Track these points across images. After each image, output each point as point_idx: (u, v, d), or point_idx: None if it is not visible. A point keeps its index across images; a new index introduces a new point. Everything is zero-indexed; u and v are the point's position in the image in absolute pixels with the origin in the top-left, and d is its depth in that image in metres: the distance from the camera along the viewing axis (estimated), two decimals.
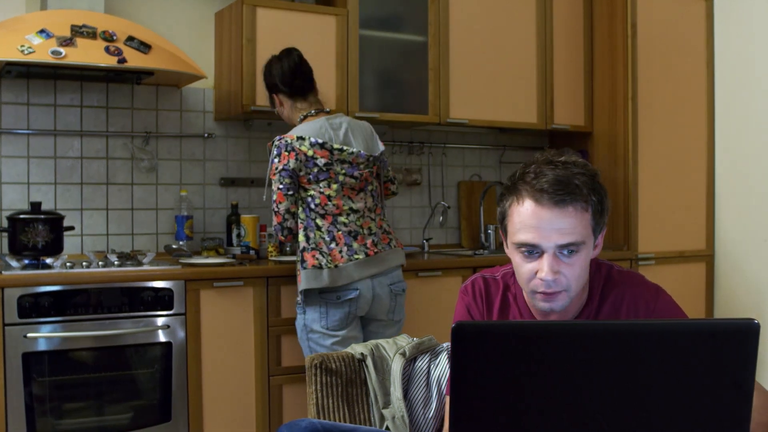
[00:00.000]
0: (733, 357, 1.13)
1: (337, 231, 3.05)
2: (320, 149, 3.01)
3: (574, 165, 1.58)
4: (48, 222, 3.24)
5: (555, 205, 1.53)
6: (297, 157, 3.00)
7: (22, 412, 2.89)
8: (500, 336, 1.17)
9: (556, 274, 1.55)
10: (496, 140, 4.60)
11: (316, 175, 3.02)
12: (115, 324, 3.05)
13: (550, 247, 1.54)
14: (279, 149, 3.02)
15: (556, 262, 1.55)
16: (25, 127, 3.51)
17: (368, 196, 3.18)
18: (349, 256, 3.03)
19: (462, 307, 1.78)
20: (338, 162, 3.05)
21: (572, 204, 1.54)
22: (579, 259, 1.56)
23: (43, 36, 3.08)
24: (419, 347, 2.03)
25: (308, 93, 3.23)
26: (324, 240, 3.03)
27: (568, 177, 1.54)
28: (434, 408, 1.94)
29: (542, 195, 1.53)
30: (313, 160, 3.01)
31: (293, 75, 3.19)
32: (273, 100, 3.28)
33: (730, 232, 4.45)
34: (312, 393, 1.92)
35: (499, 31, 4.16)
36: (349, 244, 3.05)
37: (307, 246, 3.03)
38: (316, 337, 3.04)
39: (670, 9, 4.39)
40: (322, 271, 2.99)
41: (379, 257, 3.12)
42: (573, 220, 1.54)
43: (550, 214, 1.53)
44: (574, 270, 1.56)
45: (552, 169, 1.56)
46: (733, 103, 4.43)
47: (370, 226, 3.14)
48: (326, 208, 3.05)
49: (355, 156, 3.07)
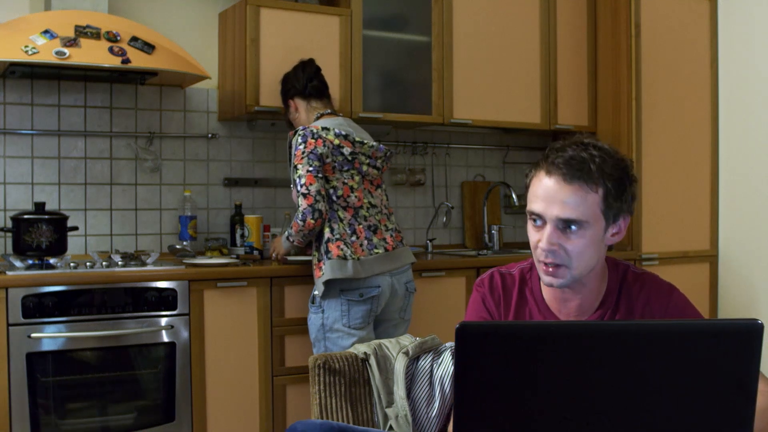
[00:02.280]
0: (737, 357, 1.13)
1: (358, 224, 3.09)
2: (344, 140, 3.08)
3: (596, 148, 1.62)
4: (52, 222, 3.24)
5: (563, 179, 1.59)
6: (324, 143, 3.04)
7: (26, 412, 2.90)
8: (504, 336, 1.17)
9: (553, 245, 1.59)
10: (500, 140, 4.60)
11: (341, 164, 3.07)
12: (118, 324, 3.06)
13: (551, 219, 1.60)
14: (305, 137, 3.04)
15: (555, 233, 1.60)
16: (29, 127, 3.52)
17: (383, 193, 3.27)
18: (369, 250, 3.07)
19: (477, 299, 1.78)
20: (361, 154, 3.13)
21: (578, 182, 1.58)
22: (582, 238, 1.60)
23: (47, 36, 3.09)
24: (422, 346, 2.03)
25: (324, 96, 3.31)
26: (346, 232, 3.05)
27: (583, 157, 1.60)
28: (437, 407, 1.94)
29: (554, 169, 1.60)
30: (339, 149, 3.06)
31: (311, 78, 3.29)
32: (289, 107, 3.34)
33: (733, 233, 4.45)
34: (315, 393, 1.93)
35: (503, 32, 4.16)
36: (369, 238, 3.09)
37: (332, 237, 3.03)
38: (335, 336, 3.01)
39: (674, 9, 4.39)
40: (347, 261, 3.00)
41: (396, 253, 3.16)
42: (576, 198, 1.58)
43: (556, 187, 1.59)
44: (574, 247, 1.60)
45: (574, 149, 1.61)
46: (737, 103, 4.42)
47: (386, 223, 3.19)
48: (348, 200, 3.08)
49: (375, 150, 3.19)
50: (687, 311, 1.68)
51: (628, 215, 1.66)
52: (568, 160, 1.59)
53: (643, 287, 1.71)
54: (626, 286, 1.71)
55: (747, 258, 4.38)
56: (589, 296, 1.69)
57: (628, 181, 1.63)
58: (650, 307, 1.68)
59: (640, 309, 1.68)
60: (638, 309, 1.69)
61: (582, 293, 1.69)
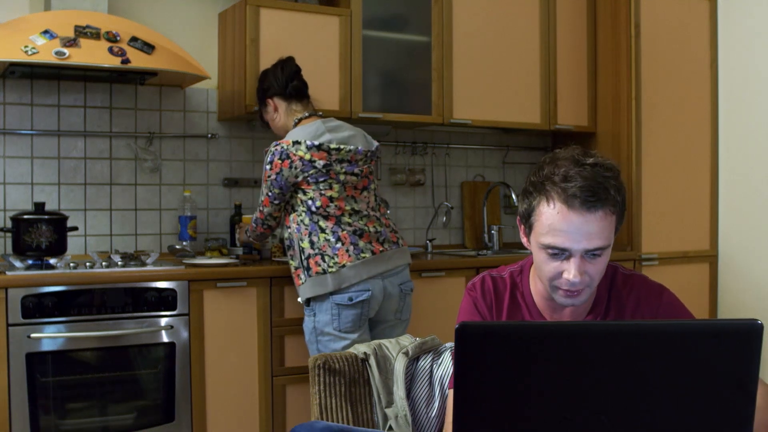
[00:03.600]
0: (737, 357, 1.13)
1: (342, 231, 3.03)
2: (317, 151, 3.00)
3: (602, 167, 1.58)
4: (52, 222, 3.24)
5: (587, 210, 1.54)
6: (291, 164, 2.99)
7: (25, 412, 2.90)
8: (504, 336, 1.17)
9: (583, 275, 1.57)
10: (500, 141, 4.60)
11: (315, 177, 3.01)
12: (118, 324, 3.06)
13: (578, 251, 1.56)
14: (273, 156, 3.02)
15: (583, 263, 1.57)
16: (28, 127, 3.52)
17: (371, 194, 3.18)
18: (356, 254, 3.02)
19: (469, 303, 1.78)
20: (337, 162, 3.03)
21: (602, 209, 1.55)
22: (603, 258, 1.60)
23: (47, 36, 3.09)
24: (422, 347, 2.03)
25: (304, 97, 3.23)
26: (329, 241, 3.01)
27: (598, 181, 1.55)
28: (437, 407, 1.94)
29: (574, 200, 1.54)
30: (311, 163, 3.00)
31: (291, 78, 3.21)
32: (267, 106, 3.25)
33: (733, 233, 4.45)
34: (315, 393, 1.93)
35: (503, 32, 4.16)
36: (355, 243, 3.03)
37: (312, 252, 3.02)
38: (326, 340, 3.02)
39: (674, 9, 4.39)
40: (325, 276, 2.99)
41: (386, 255, 3.10)
42: (602, 224, 1.55)
43: (581, 219, 1.54)
44: (597, 268, 1.60)
45: (580, 171, 1.55)
46: (737, 104, 4.42)
47: (375, 225, 3.12)
48: (328, 210, 3.03)
49: (353, 153, 3.07)
50: (678, 312, 1.68)
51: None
52: (586, 189, 1.53)
53: (633, 289, 1.71)
54: (616, 289, 1.71)
55: (747, 258, 4.38)
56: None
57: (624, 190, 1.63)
58: (641, 308, 1.68)
59: (630, 311, 1.68)
60: (629, 311, 1.68)
61: None
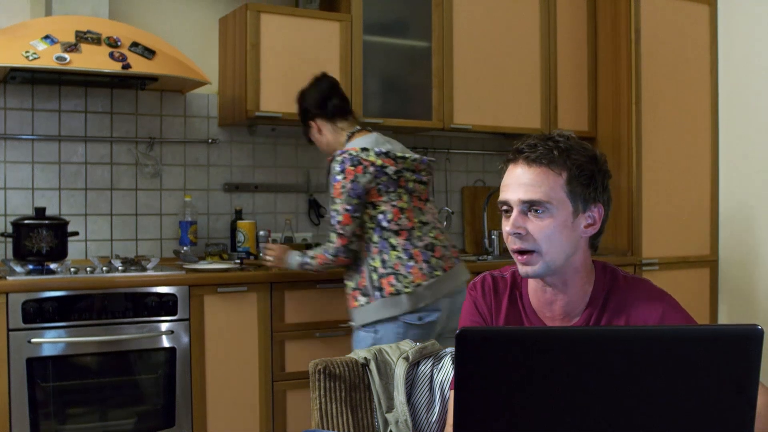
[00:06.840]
0: (737, 363, 1.13)
1: (413, 248, 2.88)
2: (386, 157, 2.87)
3: (562, 137, 1.65)
4: (52, 227, 3.24)
5: (526, 164, 1.61)
6: (365, 170, 2.83)
7: (26, 417, 2.90)
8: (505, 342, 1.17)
9: (518, 228, 1.60)
10: (500, 146, 4.60)
11: (386, 185, 2.86)
12: (119, 329, 3.06)
13: (515, 202, 1.61)
14: (343, 165, 2.84)
15: (521, 217, 1.61)
16: (29, 132, 3.52)
17: (433, 207, 3.07)
18: (429, 272, 2.87)
19: (469, 303, 1.80)
20: (405, 170, 2.92)
21: (541, 166, 1.60)
22: (548, 221, 1.60)
23: (48, 42, 3.09)
24: (422, 351, 2.03)
25: (347, 113, 3.09)
26: (401, 259, 2.86)
27: (546, 142, 1.62)
28: (437, 412, 1.94)
29: (518, 155, 1.63)
30: (383, 169, 2.85)
31: (329, 96, 3.06)
32: (310, 128, 3.10)
33: (734, 238, 4.45)
34: (316, 398, 1.92)
35: (503, 37, 4.17)
36: (427, 260, 2.89)
37: (384, 271, 2.86)
38: None
39: (674, 13, 4.39)
40: (400, 296, 2.83)
41: (454, 273, 2.96)
42: (540, 179, 1.60)
43: (519, 171, 1.62)
44: (542, 231, 1.60)
45: (539, 138, 1.65)
46: (737, 108, 4.43)
47: (440, 239, 2.98)
48: (400, 223, 2.88)
49: (418, 162, 2.97)
50: (679, 317, 1.67)
51: (601, 206, 1.66)
52: (531, 146, 1.62)
53: (634, 292, 1.70)
54: (616, 289, 1.70)
55: (747, 263, 4.38)
56: (575, 297, 1.68)
57: (597, 169, 1.64)
58: (640, 311, 1.67)
59: (629, 312, 1.67)
60: (627, 312, 1.67)
61: (567, 293, 1.68)
